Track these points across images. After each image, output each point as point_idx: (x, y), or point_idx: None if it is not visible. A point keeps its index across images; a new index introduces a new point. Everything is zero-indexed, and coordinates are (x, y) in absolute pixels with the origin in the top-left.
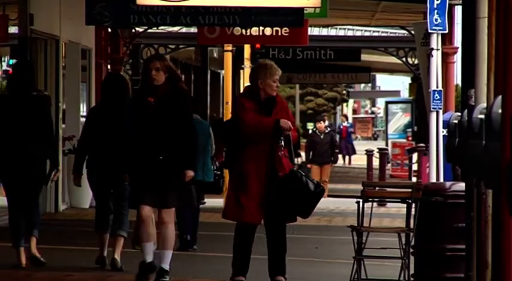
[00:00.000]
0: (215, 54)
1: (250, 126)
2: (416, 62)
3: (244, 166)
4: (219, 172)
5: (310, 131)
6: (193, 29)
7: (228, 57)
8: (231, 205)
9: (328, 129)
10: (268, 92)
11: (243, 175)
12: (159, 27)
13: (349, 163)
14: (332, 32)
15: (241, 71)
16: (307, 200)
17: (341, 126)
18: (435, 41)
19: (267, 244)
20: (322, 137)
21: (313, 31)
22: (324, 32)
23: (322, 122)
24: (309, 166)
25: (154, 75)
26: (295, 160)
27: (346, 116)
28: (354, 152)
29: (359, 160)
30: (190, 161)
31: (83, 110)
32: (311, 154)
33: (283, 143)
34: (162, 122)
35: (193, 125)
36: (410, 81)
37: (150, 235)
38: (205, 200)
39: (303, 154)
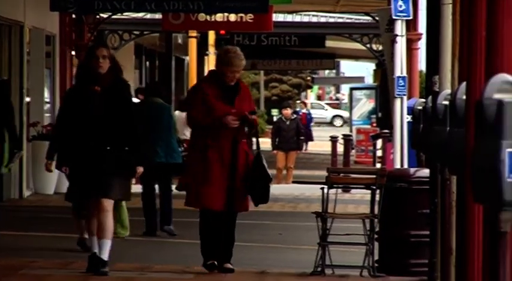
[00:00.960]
0: (180, 41)
1: (199, 123)
2: (380, 48)
3: (207, 153)
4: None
5: (275, 118)
6: (158, 15)
7: (193, 44)
8: (194, 192)
9: (294, 116)
10: (226, 81)
11: (205, 162)
12: (124, 13)
13: (306, 149)
14: (297, 18)
15: (206, 57)
16: (266, 185)
17: (300, 113)
18: (399, 28)
19: (221, 232)
20: (288, 123)
21: (278, 17)
22: (289, 18)
23: (288, 108)
24: (274, 152)
25: (101, 62)
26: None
27: (305, 103)
28: (311, 139)
29: (324, 146)
30: (139, 157)
31: (47, 96)
32: (277, 140)
33: (247, 129)
34: (107, 112)
35: (135, 119)
36: (374, 68)
37: (92, 229)
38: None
39: (267, 140)
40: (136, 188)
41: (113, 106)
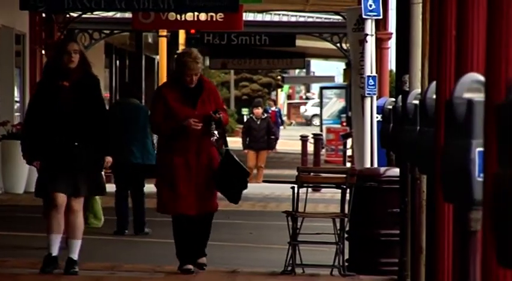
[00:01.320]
0: (150, 40)
1: (161, 130)
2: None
3: (172, 157)
4: None
5: (245, 117)
6: (128, 15)
7: (163, 43)
8: (165, 198)
9: (265, 115)
10: (187, 83)
11: (171, 167)
12: (94, 13)
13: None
14: (267, 17)
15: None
16: (241, 181)
17: (269, 111)
18: (369, 27)
19: (193, 232)
20: (258, 123)
21: (248, 16)
22: (259, 17)
23: (259, 107)
24: (245, 151)
25: (73, 57)
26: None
27: (274, 101)
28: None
29: (293, 146)
30: (108, 147)
31: (17, 95)
32: (247, 139)
33: (215, 128)
34: (76, 107)
35: (106, 113)
36: (344, 67)
37: (60, 226)
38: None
39: (237, 139)
40: (110, 187)
41: (82, 101)
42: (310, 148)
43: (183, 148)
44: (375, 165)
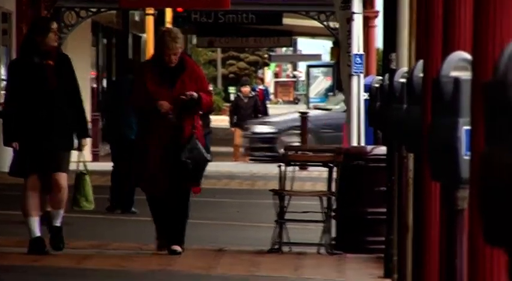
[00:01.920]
0: (137, 18)
1: (139, 108)
2: (337, 25)
3: (148, 137)
4: None
5: (233, 95)
6: None
7: (150, 21)
8: (138, 177)
9: (253, 93)
10: (166, 63)
11: (147, 147)
12: None
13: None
14: None
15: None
16: (197, 165)
17: (256, 90)
18: (356, 5)
19: (169, 213)
20: (246, 101)
21: None
22: None
23: (247, 86)
24: (233, 129)
25: (56, 36)
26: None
27: (262, 79)
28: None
29: None
30: (85, 129)
31: (3, 73)
32: (235, 117)
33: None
34: (59, 86)
35: (80, 94)
36: (331, 45)
37: (37, 207)
38: None
39: (225, 117)
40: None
41: (63, 80)
42: None
43: (159, 129)
44: (362, 143)
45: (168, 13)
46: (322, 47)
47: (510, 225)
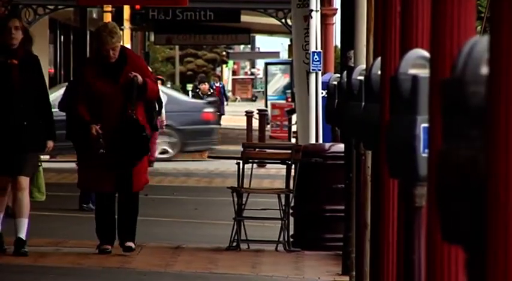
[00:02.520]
0: (94, 15)
1: (75, 110)
2: None
3: (90, 133)
4: None
5: (190, 93)
6: None
7: (108, 18)
8: (84, 174)
9: (211, 91)
10: (106, 59)
11: (89, 143)
12: None
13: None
14: None
15: (121, 32)
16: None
17: (213, 87)
18: (314, 3)
19: (117, 210)
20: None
21: None
22: None
23: (206, 83)
24: None
25: (14, 34)
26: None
27: (219, 77)
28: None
29: (238, 121)
30: (52, 131)
31: None
32: None
33: (135, 97)
34: (24, 86)
35: (48, 94)
36: (289, 43)
37: (2, 206)
38: None
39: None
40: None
41: (28, 80)
42: (255, 123)
43: (103, 125)
44: (320, 141)
45: (126, 10)
46: (280, 45)
47: (467, 223)
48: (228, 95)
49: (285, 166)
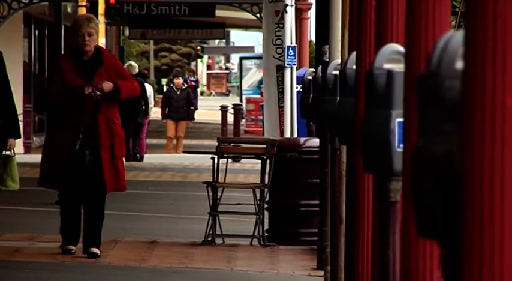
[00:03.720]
0: (69, 9)
1: (54, 98)
2: None
3: (60, 131)
4: None
5: (165, 87)
6: None
7: (82, 13)
8: (45, 172)
9: (185, 85)
10: (82, 49)
11: (58, 141)
12: None
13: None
14: None
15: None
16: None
17: (188, 81)
18: None
19: (83, 214)
20: (178, 93)
21: None
22: None
23: (180, 78)
24: (164, 121)
25: None
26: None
27: (193, 71)
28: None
29: (213, 116)
30: (15, 129)
31: None
32: (167, 109)
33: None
34: None
35: (11, 92)
36: None
37: None
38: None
39: (157, 109)
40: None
41: None
42: (230, 118)
43: (74, 122)
44: (295, 135)
45: (101, 5)
46: (255, 39)
47: (442, 217)
48: (203, 89)
49: (260, 161)
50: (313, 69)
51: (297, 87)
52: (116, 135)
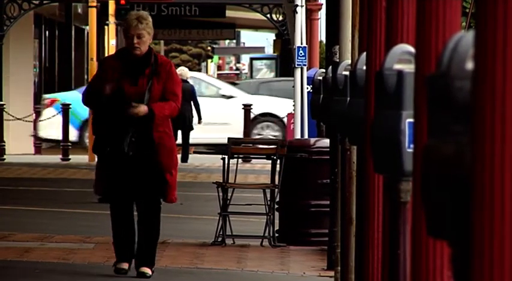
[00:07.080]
0: (79, 10)
1: (90, 103)
2: (280, 18)
3: (108, 140)
4: None
5: None
6: None
7: (93, 13)
8: (100, 181)
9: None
10: (131, 52)
11: (108, 150)
12: None
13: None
14: None
15: (106, 27)
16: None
17: None
18: None
19: (137, 227)
20: None
21: None
22: None
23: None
24: None
25: None
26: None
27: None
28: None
29: None
30: None
31: None
32: None
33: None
34: None
35: None
36: (274, 38)
37: None
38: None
39: None
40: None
41: None
42: None
43: (120, 129)
44: (305, 136)
45: (111, 5)
46: (266, 40)
47: (452, 218)
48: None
49: (270, 161)
50: (324, 70)
51: (307, 88)
52: (167, 146)
